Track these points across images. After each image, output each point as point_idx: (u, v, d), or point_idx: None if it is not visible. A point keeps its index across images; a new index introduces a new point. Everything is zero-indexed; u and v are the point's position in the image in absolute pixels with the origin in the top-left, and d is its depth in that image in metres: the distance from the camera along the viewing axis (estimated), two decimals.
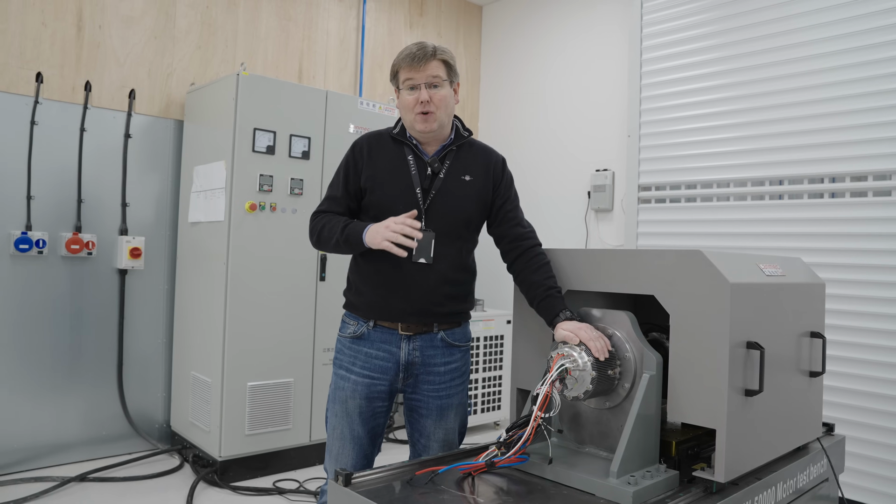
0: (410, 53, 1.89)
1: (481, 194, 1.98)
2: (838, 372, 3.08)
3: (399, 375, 1.94)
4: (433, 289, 1.90)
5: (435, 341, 1.95)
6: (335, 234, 1.89)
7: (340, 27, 4.43)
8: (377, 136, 2.00)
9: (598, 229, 4.43)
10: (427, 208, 1.91)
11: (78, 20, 3.36)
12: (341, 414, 1.95)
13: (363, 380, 1.93)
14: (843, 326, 3.11)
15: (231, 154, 3.18)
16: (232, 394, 3.19)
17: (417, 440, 2.03)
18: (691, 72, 3.81)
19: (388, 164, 1.94)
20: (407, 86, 1.90)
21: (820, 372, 1.85)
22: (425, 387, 1.96)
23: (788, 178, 3.40)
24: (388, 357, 1.93)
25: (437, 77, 1.90)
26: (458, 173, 1.97)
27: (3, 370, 3.18)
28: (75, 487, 3.10)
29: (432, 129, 1.91)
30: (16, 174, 3.18)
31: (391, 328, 1.93)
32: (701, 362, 1.49)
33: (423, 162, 1.94)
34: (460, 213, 1.95)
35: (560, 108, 4.70)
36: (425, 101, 1.87)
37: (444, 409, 1.98)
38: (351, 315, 1.99)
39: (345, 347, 1.97)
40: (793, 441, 1.78)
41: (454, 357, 1.99)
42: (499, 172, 2.03)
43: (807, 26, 3.33)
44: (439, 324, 1.95)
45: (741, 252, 3.22)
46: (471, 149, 2.03)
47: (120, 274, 3.50)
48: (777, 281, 1.68)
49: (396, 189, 1.91)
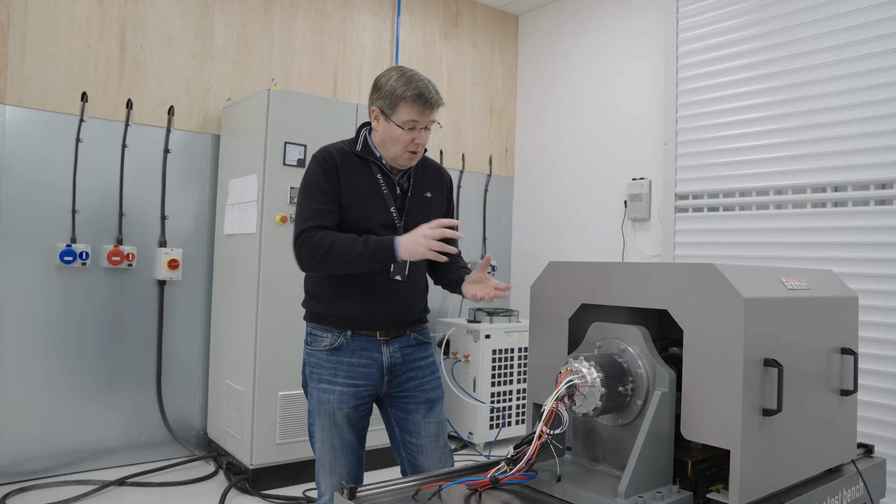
0: (422, 96, 1.86)
1: (439, 209, 2.10)
2: (882, 388, 2.93)
3: (384, 379, 1.98)
4: (410, 299, 2.01)
5: (410, 341, 2.05)
6: (355, 249, 1.82)
7: (375, 40, 4.49)
8: (341, 151, 1.97)
9: (636, 239, 4.34)
10: (403, 226, 1.96)
11: (121, 41, 3.51)
12: (329, 427, 1.96)
13: (349, 389, 1.95)
14: (891, 341, 2.95)
15: (262, 167, 3.26)
16: (263, 403, 3.25)
17: (409, 441, 2.04)
18: (727, 77, 3.71)
19: (360, 181, 1.94)
20: (408, 125, 1.89)
21: (851, 390, 1.75)
22: (411, 383, 2.03)
23: (831, 184, 3.26)
24: (370, 363, 1.96)
25: (434, 120, 1.93)
26: (421, 191, 2.05)
27: (50, 377, 3.32)
28: (114, 491, 3.21)
29: (414, 164, 1.98)
30: (62, 190, 3.34)
31: (370, 335, 1.96)
32: (714, 380, 1.44)
33: (392, 181, 1.99)
34: None
35: (596, 116, 4.64)
36: (422, 143, 1.91)
37: (432, 401, 2.06)
38: (321, 328, 1.99)
39: (322, 361, 1.97)
40: (822, 463, 1.69)
41: (428, 352, 2.11)
42: (449, 188, 2.15)
43: (851, 23, 3.20)
44: (411, 327, 2.05)
45: (767, 265, 3.11)
46: (426, 166, 2.09)
47: (159, 284, 3.62)
48: (800, 295, 1.61)
49: (370, 207, 1.93)
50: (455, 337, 4.29)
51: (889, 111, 3.04)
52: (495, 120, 5.14)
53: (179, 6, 3.69)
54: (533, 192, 5.11)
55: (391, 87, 1.88)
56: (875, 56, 3.10)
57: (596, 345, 1.67)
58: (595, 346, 1.67)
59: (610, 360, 1.58)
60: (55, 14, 3.33)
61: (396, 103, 1.87)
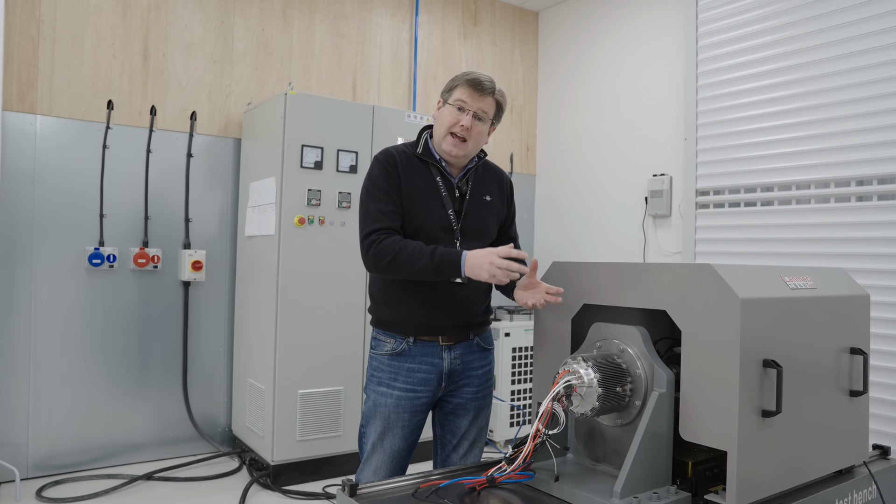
0: (476, 80, 1.93)
1: (499, 213, 2.11)
2: None
3: (441, 385, 2.01)
4: (471, 303, 2.01)
5: (472, 347, 2.05)
6: (422, 258, 1.82)
7: (393, 41, 4.53)
8: (403, 153, 2.00)
9: (657, 236, 4.29)
10: (460, 229, 1.98)
11: (144, 50, 3.61)
12: (381, 430, 1.98)
13: (406, 394, 1.97)
14: None
15: (280, 170, 3.32)
16: (284, 401, 3.32)
17: (448, 441, 2.08)
18: (746, 71, 3.65)
19: (420, 183, 1.97)
20: (458, 104, 1.93)
21: (861, 391, 1.72)
22: (466, 390, 2.05)
23: (855, 179, 3.18)
24: (430, 369, 1.98)
25: (486, 112, 1.95)
26: (480, 194, 2.05)
27: (81, 375, 3.45)
28: (142, 485, 3.31)
29: (459, 154, 1.97)
30: (90, 195, 3.45)
31: (432, 341, 1.98)
32: (712, 380, 1.43)
33: (451, 183, 2.01)
34: (487, 232, 2.06)
35: (617, 113, 4.60)
36: (466, 127, 1.92)
37: (481, 409, 2.09)
38: (385, 333, 2.01)
39: (383, 365, 2.00)
40: (830, 465, 1.67)
41: (488, 360, 2.11)
42: (510, 192, 2.16)
43: (874, 12, 3.12)
44: (474, 331, 2.06)
45: (791, 265, 3.05)
46: (486, 170, 2.11)
47: (184, 286, 3.72)
48: (804, 294, 1.58)
49: (430, 210, 1.96)
50: None
51: None
52: (516, 117, 5.13)
53: (200, 14, 3.78)
54: (555, 190, 5.09)
55: (454, 77, 1.99)
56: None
57: (596, 345, 1.68)
58: (595, 346, 1.68)
59: (608, 360, 1.58)
60: (82, 26, 3.44)
61: (453, 87, 1.97)
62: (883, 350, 2.99)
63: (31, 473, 3.30)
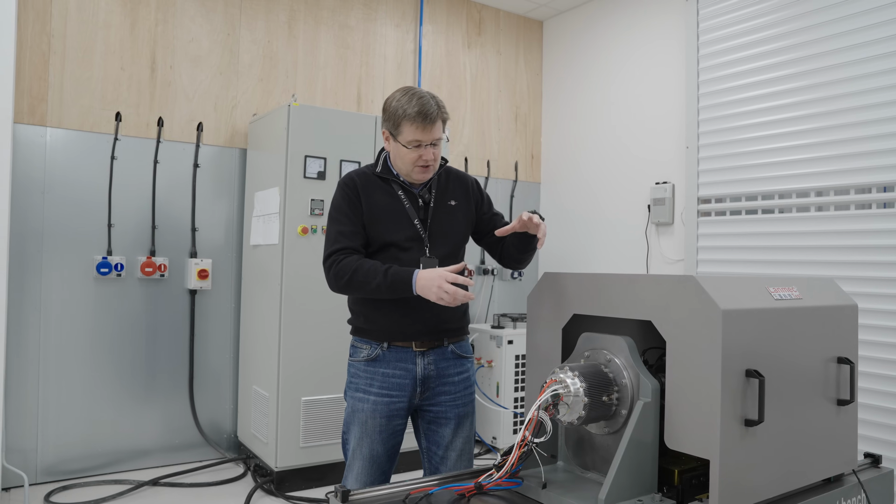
0: (423, 113, 1.91)
1: (467, 216, 2.14)
2: None
3: (416, 390, 2.03)
4: (444, 309, 1.98)
5: (446, 354, 2.08)
6: (374, 278, 1.89)
7: (398, 52, 4.58)
8: (362, 174, 2.07)
9: (659, 243, 4.30)
10: (428, 236, 2.03)
11: (151, 62, 3.69)
12: (360, 435, 2.02)
13: (382, 399, 2.01)
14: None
15: (284, 180, 3.38)
16: (287, 408, 3.36)
17: (434, 453, 2.10)
18: (747, 80, 3.66)
19: (381, 200, 2.03)
20: (412, 144, 1.95)
21: (849, 400, 1.74)
22: (443, 398, 2.07)
23: (854, 187, 3.19)
24: (404, 374, 2.02)
25: (439, 138, 1.99)
26: (445, 199, 2.11)
27: (90, 382, 3.51)
28: (148, 491, 3.37)
29: (428, 177, 2.05)
30: (98, 205, 3.53)
31: (405, 346, 2.02)
32: (695, 390, 1.45)
33: (413, 194, 2.06)
34: (455, 236, 2.11)
35: (620, 121, 4.63)
36: (429, 159, 1.97)
37: (462, 417, 2.10)
38: (362, 340, 2.07)
39: (359, 371, 2.05)
40: (817, 473, 1.68)
41: (464, 367, 2.13)
42: (477, 192, 2.19)
43: (875, 20, 3.13)
44: (448, 338, 2.08)
45: (791, 273, 3.07)
46: (448, 176, 2.15)
47: (190, 294, 3.78)
48: (788, 305, 1.60)
49: (394, 223, 2.01)
50: (479, 342, 4.34)
51: None
52: (520, 126, 5.17)
53: (207, 27, 3.85)
54: (559, 197, 5.12)
55: (394, 108, 1.96)
56: None
57: (584, 354, 1.70)
58: (583, 355, 1.70)
59: (595, 370, 1.61)
60: (91, 39, 3.52)
61: (399, 123, 1.95)
62: (875, 357, 2.99)
63: (39, 479, 3.37)
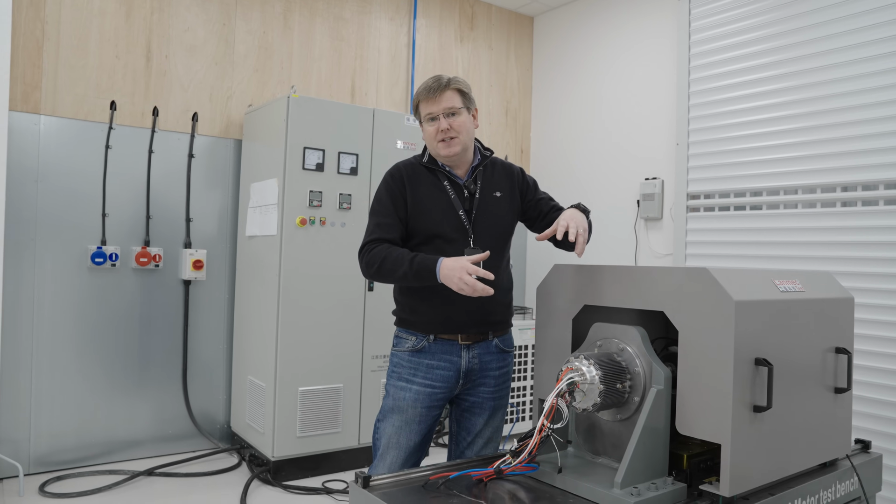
0: (427, 86, 2.02)
1: (512, 206, 2.16)
2: (884, 385, 2.97)
3: (459, 382, 2.08)
4: (488, 300, 2.01)
5: (490, 348, 2.11)
6: (402, 266, 1.93)
7: (391, 45, 4.59)
8: (409, 165, 2.11)
9: (648, 238, 4.39)
10: (472, 227, 2.05)
11: (147, 51, 3.66)
12: (399, 424, 2.06)
13: (425, 389, 2.05)
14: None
15: (283, 172, 3.38)
16: (284, 398, 3.38)
17: (464, 438, 2.16)
18: (738, 78, 3.75)
19: (427, 190, 2.06)
20: (427, 118, 2.03)
21: (845, 388, 1.82)
22: (482, 389, 2.12)
23: (840, 184, 3.30)
24: (449, 367, 2.06)
25: (452, 107, 2.02)
26: (490, 191, 2.12)
27: (83, 373, 3.49)
28: (143, 481, 3.36)
29: (455, 152, 2.04)
30: (93, 194, 3.49)
31: (451, 339, 2.05)
32: (707, 378, 1.51)
33: (459, 185, 2.09)
34: (500, 227, 2.13)
35: (610, 117, 4.70)
36: (445, 129, 2.00)
37: (496, 409, 2.16)
38: (407, 331, 2.10)
39: (403, 361, 2.08)
40: (815, 457, 1.76)
41: (506, 362, 2.18)
42: (522, 181, 2.21)
43: (863, 24, 3.23)
44: (493, 331, 2.11)
45: (779, 268, 3.16)
46: (493, 167, 2.17)
47: (184, 284, 3.77)
48: (793, 297, 1.67)
49: (440, 213, 2.04)
50: None
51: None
52: (511, 120, 5.21)
53: (203, 16, 3.83)
54: (549, 192, 5.12)
55: (414, 97, 2.09)
56: (887, 56, 3.13)
57: (597, 344, 1.76)
58: (596, 345, 1.76)
59: (609, 358, 1.66)
60: (86, 27, 3.48)
61: (418, 104, 2.07)
62: (863, 350, 3.10)
63: (33, 469, 3.34)
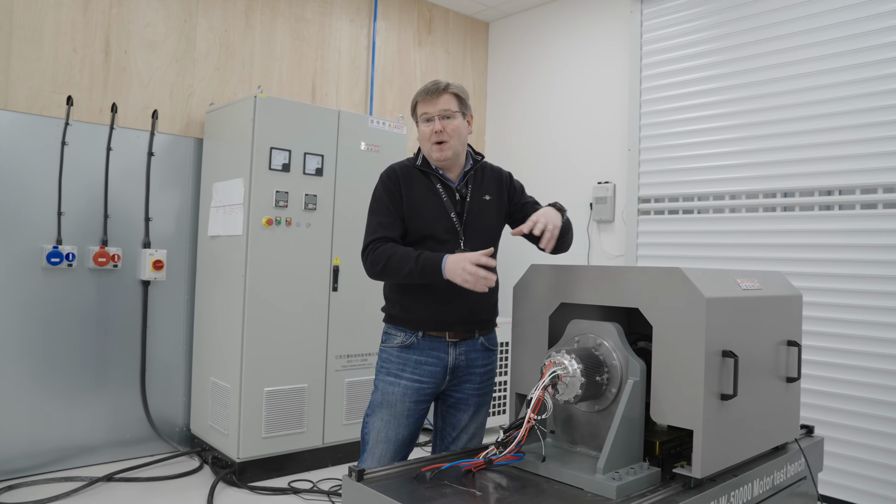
0: (426, 88, 2.11)
1: (500, 209, 2.25)
2: (828, 377, 3.22)
3: (446, 378, 2.15)
4: (477, 300, 2.11)
5: (476, 346, 2.19)
6: (407, 263, 1.98)
7: (352, 46, 4.62)
8: (404, 167, 2.18)
9: (601, 240, 4.57)
10: (463, 230, 2.13)
11: (105, 46, 3.57)
12: (388, 418, 2.12)
13: (413, 384, 2.12)
14: (835, 334, 3.24)
15: (249, 172, 3.37)
16: (249, 398, 3.36)
17: (449, 433, 2.23)
18: (688, 88, 3.96)
19: (421, 192, 2.13)
20: (423, 119, 2.11)
21: (796, 378, 1.99)
22: (467, 385, 2.19)
23: (780, 190, 3.54)
24: (436, 362, 2.13)
25: (448, 110, 2.10)
26: (480, 194, 2.21)
27: (37, 376, 3.37)
28: (102, 487, 3.28)
29: (447, 157, 2.12)
30: (48, 192, 3.38)
31: (439, 336, 2.12)
32: (680, 369, 1.64)
33: (451, 188, 2.16)
34: (490, 229, 2.22)
35: (563, 122, 4.86)
36: (439, 130, 2.07)
37: (481, 405, 2.24)
38: (396, 328, 2.15)
39: (392, 357, 2.14)
40: (770, 441, 1.92)
41: (490, 360, 2.26)
42: (510, 185, 2.30)
43: (806, 41, 3.48)
44: (480, 330, 2.20)
45: (723, 268, 3.37)
46: (483, 171, 2.26)
47: (143, 285, 3.69)
48: (753, 294, 1.83)
49: (432, 215, 2.11)
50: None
51: (837, 124, 3.33)
52: None
53: (163, 12, 3.76)
54: None
55: (413, 98, 2.17)
56: (828, 73, 3.38)
57: (574, 340, 1.87)
58: (574, 340, 1.87)
59: (588, 353, 1.77)
60: (41, 19, 3.37)
61: (415, 105, 2.16)
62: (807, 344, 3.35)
63: None
